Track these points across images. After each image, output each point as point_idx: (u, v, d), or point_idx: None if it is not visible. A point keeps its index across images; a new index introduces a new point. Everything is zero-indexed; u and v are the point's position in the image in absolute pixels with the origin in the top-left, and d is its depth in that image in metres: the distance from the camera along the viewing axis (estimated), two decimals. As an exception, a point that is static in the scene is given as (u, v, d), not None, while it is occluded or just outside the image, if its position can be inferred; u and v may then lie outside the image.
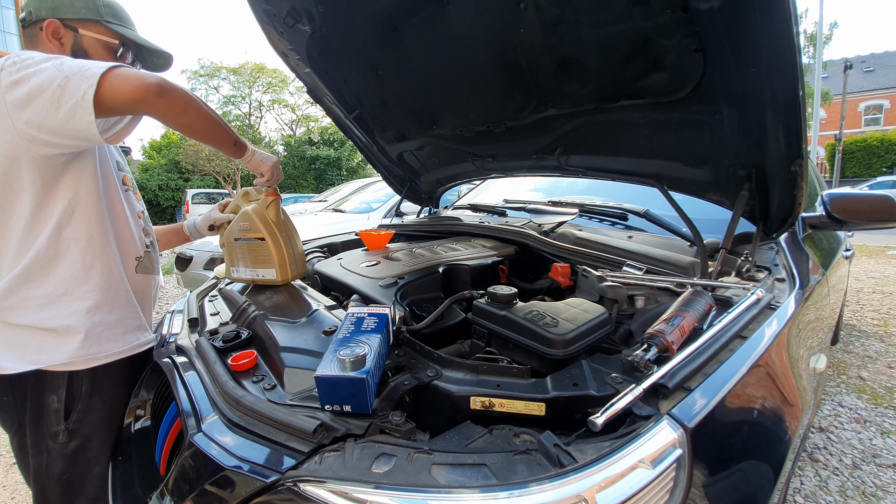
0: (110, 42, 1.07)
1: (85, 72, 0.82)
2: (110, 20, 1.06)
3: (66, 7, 1.01)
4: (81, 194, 1.00)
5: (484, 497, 0.53)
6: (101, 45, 1.06)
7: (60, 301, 0.98)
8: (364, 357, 0.70)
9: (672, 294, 1.09)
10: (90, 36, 1.04)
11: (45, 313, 0.96)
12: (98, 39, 1.05)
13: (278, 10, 1.45)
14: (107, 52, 1.07)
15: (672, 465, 0.59)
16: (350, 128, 2.08)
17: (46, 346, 0.97)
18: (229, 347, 0.97)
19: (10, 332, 0.96)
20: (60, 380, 0.99)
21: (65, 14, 1.01)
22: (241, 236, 1.34)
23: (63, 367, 0.98)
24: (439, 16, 1.23)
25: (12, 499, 1.85)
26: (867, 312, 4.09)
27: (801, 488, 1.81)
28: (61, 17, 1.01)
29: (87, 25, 1.04)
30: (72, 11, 1.02)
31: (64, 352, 0.98)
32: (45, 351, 0.97)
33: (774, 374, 0.89)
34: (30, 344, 0.96)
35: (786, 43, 0.79)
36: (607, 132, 1.38)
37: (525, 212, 1.93)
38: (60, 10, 1.01)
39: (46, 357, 0.97)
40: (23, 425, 1.00)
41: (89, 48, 1.05)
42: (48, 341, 0.97)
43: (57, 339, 0.98)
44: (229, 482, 0.64)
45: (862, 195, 1.36)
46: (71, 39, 1.03)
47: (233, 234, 1.36)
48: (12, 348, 0.96)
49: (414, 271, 1.35)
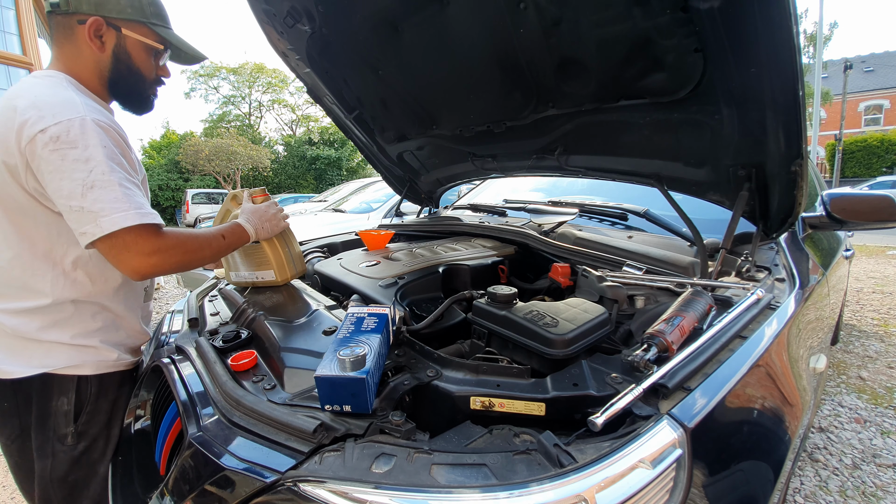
0: (153, 45, 1.02)
1: (99, 216, 0.80)
2: (155, 21, 1.01)
3: (111, 4, 0.94)
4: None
5: (484, 497, 0.53)
6: (143, 48, 1.01)
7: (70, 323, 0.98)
8: (364, 357, 0.70)
9: (672, 294, 1.09)
10: (134, 37, 0.99)
11: (53, 332, 0.96)
12: (141, 42, 1.00)
13: (278, 10, 1.45)
14: (148, 55, 1.03)
15: (672, 465, 0.59)
16: (350, 128, 2.08)
17: (55, 352, 0.97)
18: (229, 347, 0.98)
19: (13, 340, 0.94)
20: (70, 383, 0.98)
21: (109, 12, 0.94)
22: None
23: (73, 371, 0.98)
24: (439, 16, 1.23)
25: (12, 499, 1.85)
26: (867, 312, 4.09)
27: (801, 488, 1.81)
28: (105, 14, 0.94)
29: (131, 26, 0.98)
30: (117, 10, 0.95)
31: (74, 358, 0.98)
32: (53, 356, 0.96)
33: (774, 374, 0.89)
34: (37, 350, 0.96)
35: (786, 43, 0.79)
36: (607, 132, 1.38)
37: (525, 212, 1.93)
38: (105, 7, 0.94)
39: (55, 361, 0.96)
40: (25, 430, 0.99)
41: (132, 50, 1.00)
42: (56, 348, 0.97)
43: (65, 348, 0.98)
44: (229, 482, 0.64)
45: (862, 195, 1.36)
46: (114, 40, 0.97)
47: None
48: (16, 354, 0.94)
49: (414, 271, 1.35)
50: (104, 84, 1.00)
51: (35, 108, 0.81)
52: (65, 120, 0.81)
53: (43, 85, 0.88)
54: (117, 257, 0.84)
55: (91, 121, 0.83)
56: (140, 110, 1.10)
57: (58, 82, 0.91)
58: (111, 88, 1.02)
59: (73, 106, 0.84)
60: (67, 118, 0.81)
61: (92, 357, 1.01)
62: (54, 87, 0.88)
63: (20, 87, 0.88)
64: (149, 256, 0.85)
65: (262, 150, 19.44)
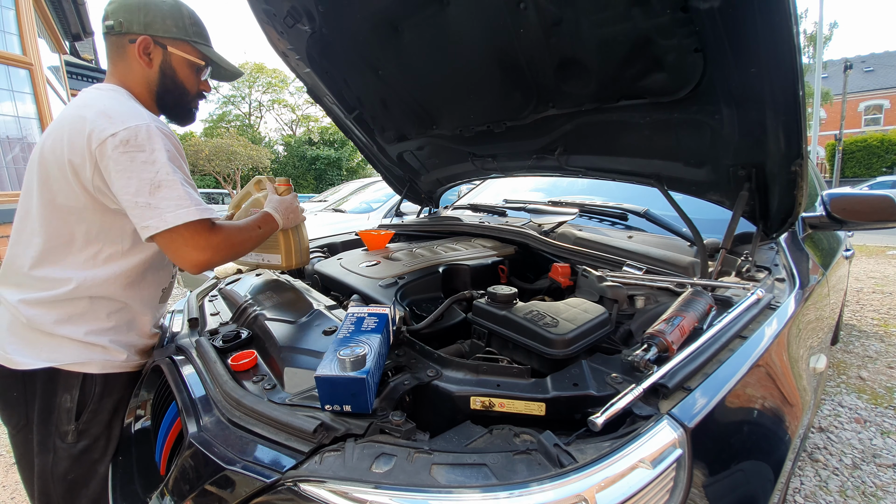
0: (196, 62, 1.11)
1: (164, 211, 0.88)
2: (196, 39, 1.10)
3: (158, 25, 1.04)
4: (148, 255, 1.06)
5: (484, 497, 0.53)
6: (186, 64, 1.10)
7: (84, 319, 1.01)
8: (364, 357, 0.70)
9: (672, 294, 1.09)
10: (178, 54, 1.08)
11: (67, 327, 0.99)
12: (185, 58, 1.09)
13: (278, 10, 1.45)
14: (191, 71, 1.11)
15: (672, 465, 0.59)
16: (350, 128, 2.08)
17: (64, 347, 0.99)
18: (229, 347, 0.98)
19: (27, 331, 0.97)
20: (75, 379, 1.00)
21: (156, 31, 1.04)
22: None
23: (79, 368, 1.00)
24: (439, 16, 1.23)
25: (12, 499, 1.85)
26: (867, 312, 4.09)
27: (801, 488, 1.81)
28: (153, 33, 1.04)
29: (175, 44, 1.07)
30: (163, 29, 1.04)
31: (82, 355, 1.00)
32: (62, 351, 0.98)
33: (774, 374, 0.89)
34: (47, 343, 0.98)
35: (786, 43, 0.79)
36: (607, 132, 1.38)
37: (525, 212, 1.93)
38: (152, 27, 1.03)
39: (63, 356, 0.98)
40: (30, 422, 1.01)
41: (177, 66, 1.09)
42: (66, 343, 0.99)
43: (75, 345, 1.00)
44: (229, 482, 0.64)
45: (862, 195, 1.36)
46: (160, 57, 1.06)
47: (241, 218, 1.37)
48: (29, 345, 0.97)
49: (414, 271, 1.35)
50: (152, 97, 1.09)
51: (105, 116, 0.90)
52: (133, 126, 0.89)
53: (108, 97, 0.97)
54: (177, 251, 0.92)
55: (155, 127, 0.92)
56: (183, 121, 1.19)
57: (120, 95, 1.01)
58: (158, 101, 1.11)
59: (138, 114, 0.93)
60: (135, 124, 0.90)
61: (100, 356, 1.02)
62: (119, 99, 0.98)
63: (86, 98, 0.98)
64: (204, 251, 0.93)
65: (262, 150, 19.43)
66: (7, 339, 0.98)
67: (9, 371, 0.97)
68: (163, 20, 1.04)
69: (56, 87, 5.47)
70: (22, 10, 4.56)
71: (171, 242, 0.91)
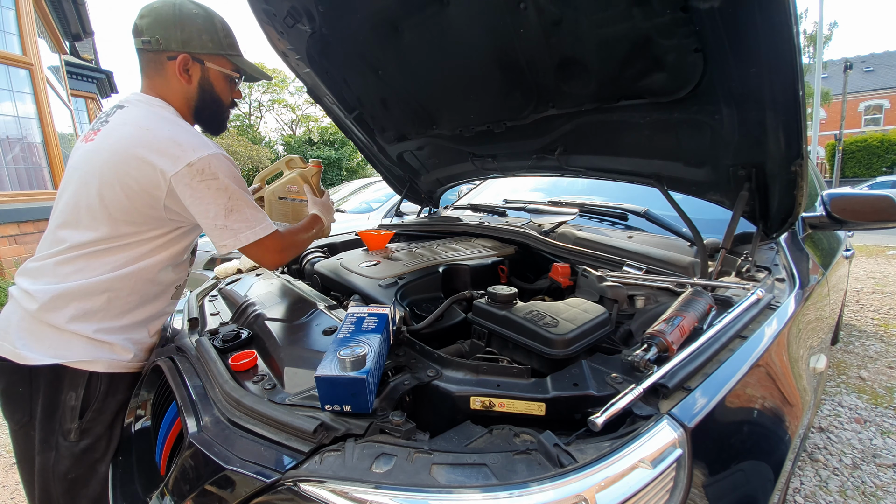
0: (231, 74, 1.14)
1: (238, 232, 1.02)
2: (230, 52, 1.12)
3: (195, 41, 1.05)
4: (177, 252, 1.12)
5: (484, 497, 0.53)
6: (223, 77, 1.13)
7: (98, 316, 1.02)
8: (364, 357, 0.70)
9: (672, 294, 1.09)
10: (215, 69, 1.10)
11: (78, 323, 0.99)
12: (221, 72, 1.11)
13: (278, 10, 1.45)
14: (226, 83, 1.14)
15: (672, 465, 0.59)
16: (350, 128, 2.08)
17: (73, 344, 0.99)
18: (229, 347, 0.98)
19: (37, 325, 0.98)
20: (81, 378, 1.00)
21: (194, 48, 1.06)
22: (287, 196, 1.51)
23: (86, 366, 1.00)
24: (439, 16, 1.23)
25: (12, 499, 1.85)
26: (867, 312, 4.09)
27: (801, 488, 1.81)
28: (190, 51, 1.05)
29: (212, 59, 1.09)
30: (200, 46, 1.06)
31: (90, 352, 1.00)
32: (70, 347, 0.99)
33: (774, 374, 0.89)
34: (56, 339, 0.98)
35: (786, 43, 0.79)
36: (607, 132, 1.38)
37: (525, 212, 1.93)
38: (190, 45, 1.05)
39: (71, 353, 0.99)
40: (33, 419, 1.01)
41: (214, 80, 1.12)
42: (75, 339, 0.99)
43: (84, 342, 1.00)
44: (229, 482, 0.64)
45: (862, 195, 1.36)
46: (199, 73, 1.09)
47: (277, 192, 1.52)
48: (37, 340, 0.97)
49: (414, 271, 1.35)
50: (191, 111, 1.13)
51: (176, 144, 0.96)
52: (206, 156, 0.97)
53: (167, 120, 1.02)
54: (254, 258, 1.09)
55: (221, 155, 1.01)
56: (217, 131, 1.23)
57: (171, 114, 1.06)
58: (196, 115, 1.15)
59: (206, 144, 1.00)
60: (207, 154, 0.98)
61: (106, 354, 1.03)
62: (177, 122, 1.03)
63: (140, 116, 1.01)
64: (279, 254, 1.11)
65: (262, 150, 19.42)
66: (16, 334, 0.98)
67: (16, 366, 0.97)
68: (199, 36, 1.05)
69: (56, 87, 5.47)
70: (22, 10, 4.56)
71: (248, 253, 1.07)
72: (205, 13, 1.07)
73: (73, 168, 1.03)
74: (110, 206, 0.98)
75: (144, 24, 1.03)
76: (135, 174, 0.96)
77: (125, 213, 0.99)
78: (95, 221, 0.99)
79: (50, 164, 4.79)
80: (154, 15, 1.03)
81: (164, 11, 1.03)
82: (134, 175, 0.96)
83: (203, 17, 1.06)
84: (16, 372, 0.98)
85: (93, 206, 0.98)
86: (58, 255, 0.99)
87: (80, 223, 0.99)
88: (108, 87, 9.49)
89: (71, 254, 0.99)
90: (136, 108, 1.03)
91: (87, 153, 1.01)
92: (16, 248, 4.07)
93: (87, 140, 1.03)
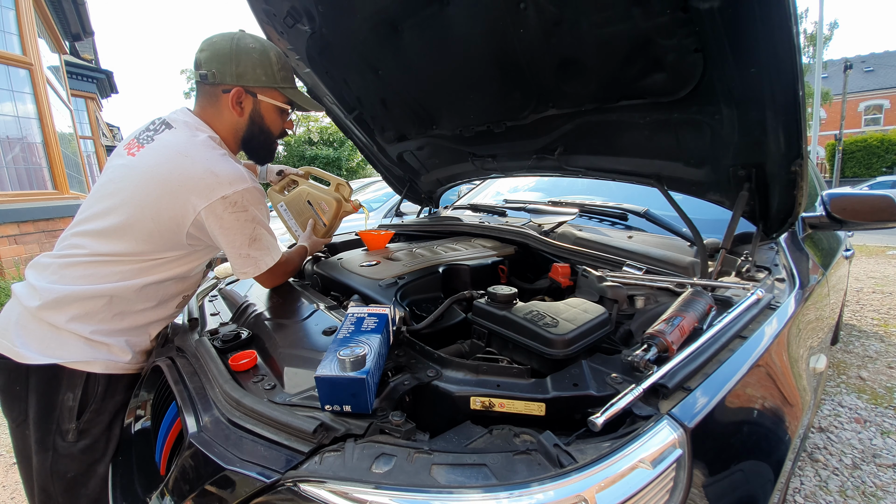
0: (283, 106, 1.17)
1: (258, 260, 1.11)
2: (283, 85, 1.14)
3: (249, 75, 1.08)
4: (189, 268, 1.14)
5: (484, 497, 0.53)
6: (274, 109, 1.16)
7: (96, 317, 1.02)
8: (364, 357, 0.70)
9: (672, 294, 1.09)
10: (267, 101, 1.14)
11: (76, 324, 0.99)
12: (272, 104, 1.15)
13: (278, 10, 1.45)
14: (277, 114, 1.18)
15: (672, 465, 0.59)
16: (350, 128, 2.08)
17: (70, 344, 0.99)
18: (229, 347, 0.98)
19: (36, 324, 0.98)
20: (79, 378, 1.00)
21: (247, 82, 1.09)
22: (314, 205, 1.60)
23: (83, 367, 1.00)
24: (439, 16, 1.23)
25: (12, 499, 1.85)
26: (867, 312, 4.09)
27: (801, 488, 1.81)
28: (244, 84, 1.09)
29: (265, 92, 1.12)
30: (254, 79, 1.09)
31: (87, 353, 1.00)
32: (67, 347, 0.99)
33: (774, 374, 0.89)
34: (55, 338, 0.98)
35: (786, 43, 0.79)
36: (607, 132, 1.38)
37: (525, 212, 1.93)
38: (244, 78, 1.08)
39: (68, 353, 0.99)
40: (27, 418, 1.01)
41: (265, 112, 1.15)
42: (72, 339, 0.99)
43: (81, 342, 1.00)
44: (229, 482, 0.64)
45: (862, 195, 1.36)
46: (251, 105, 1.13)
47: (313, 197, 1.60)
48: (36, 339, 0.98)
49: (414, 271, 1.35)
50: (237, 141, 1.17)
51: (212, 175, 0.99)
52: (241, 189, 1.01)
53: (208, 147, 1.04)
54: (260, 280, 1.20)
55: (254, 188, 1.05)
56: (263, 161, 1.28)
57: (215, 147, 1.07)
58: (244, 145, 1.19)
59: (242, 177, 1.03)
60: (243, 188, 1.02)
61: (104, 355, 1.03)
62: (217, 152, 1.05)
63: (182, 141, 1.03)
64: (280, 277, 1.25)
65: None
66: (15, 332, 0.98)
67: (14, 364, 0.97)
68: (253, 69, 1.08)
69: (56, 87, 5.47)
70: (22, 10, 4.57)
71: (260, 280, 1.18)
72: (261, 47, 1.10)
73: (108, 179, 1.04)
74: (135, 227, 0.99)
75: (203, 58, 1.06)
76: (166, 204, 0.98)
77: (147, 235, 1.01)
78: (116, 236, 1.00)
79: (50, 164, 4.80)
80: (212, 49, 1.06)
81: (222, 46, 1.06)
82: (165, 205, 0.98)
83: (259, 52, 1.09)
84: (14, 370, 0.98)
85: (117, 223, 0.99)
86: (69, 258, 1.00)
87: (100, 234, 1.00)
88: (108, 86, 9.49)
89: (83, 259, 1.00)
90: (181, 130, 1.05)
91: (126, 168, 1.02)
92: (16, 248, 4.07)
93: (130, 152, 1.04)
